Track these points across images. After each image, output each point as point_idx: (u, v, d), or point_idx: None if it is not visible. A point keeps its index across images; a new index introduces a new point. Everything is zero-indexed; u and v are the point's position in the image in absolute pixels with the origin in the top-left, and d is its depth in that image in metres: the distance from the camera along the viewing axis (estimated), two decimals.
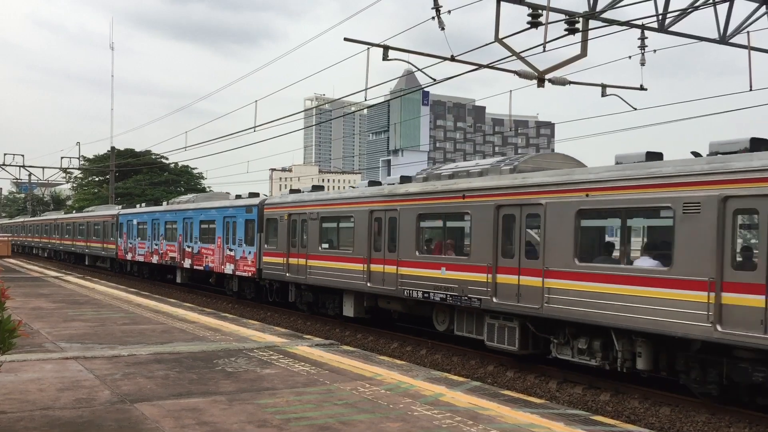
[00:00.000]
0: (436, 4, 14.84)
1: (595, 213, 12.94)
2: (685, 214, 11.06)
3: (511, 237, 14.40)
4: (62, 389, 9.27)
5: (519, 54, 15.44)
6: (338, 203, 20.42)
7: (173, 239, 31.75)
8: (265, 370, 10.79)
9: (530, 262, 13.72)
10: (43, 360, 11.31)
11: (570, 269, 12.91)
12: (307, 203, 21.70)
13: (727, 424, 10.97)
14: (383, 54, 15.84)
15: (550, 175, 13.75)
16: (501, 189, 14.66)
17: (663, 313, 11.24)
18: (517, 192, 14.17)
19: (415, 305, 17.85)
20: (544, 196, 13.55)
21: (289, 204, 22.73)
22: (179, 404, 8.54)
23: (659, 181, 11.52)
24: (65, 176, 69.65)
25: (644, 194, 11.78)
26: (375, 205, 18.55)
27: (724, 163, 10.69)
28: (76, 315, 17.44)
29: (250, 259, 24.74)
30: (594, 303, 12.41)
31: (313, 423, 7.77)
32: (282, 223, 22.79)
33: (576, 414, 9.05)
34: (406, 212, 17.34)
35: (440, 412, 8.40)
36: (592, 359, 12.90)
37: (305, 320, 22.27)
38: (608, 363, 12.66)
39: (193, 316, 17.71)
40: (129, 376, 10.16)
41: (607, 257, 13.06)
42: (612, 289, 12.14)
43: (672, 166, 11.55)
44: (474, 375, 14.62)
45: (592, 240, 13.63)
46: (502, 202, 14.51)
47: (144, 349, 12.43)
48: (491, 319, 14.90)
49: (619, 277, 12.04)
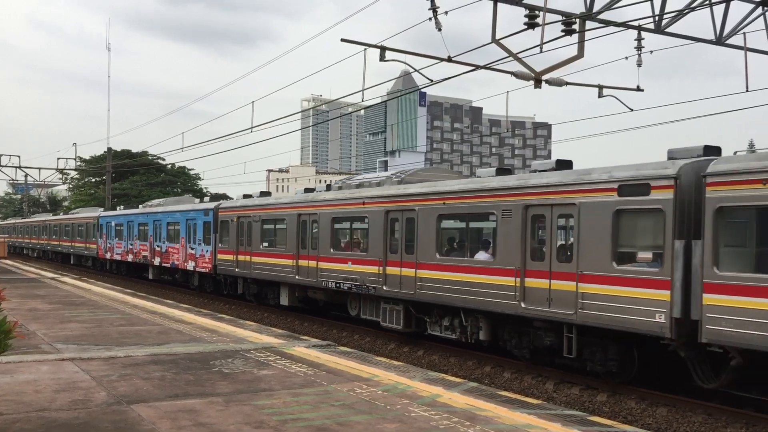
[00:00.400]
0: (433, 5, 14.84)
1: (451, 216, 16.28)
2: (503, 218, 14.34)
3: (395, 236, 17.69)
4: (58, 390, 9.24)
5: (516, 55, 15.44)
6: (275, 207, 23.70)
7: (145, 239, 34.65)
8: (262, 371, 10.78)
9: (410, 257, 16.91)
10: (39, 361, 11.28)
11: (434, 262, 16.19)
12: (252, 207, 24.92)
13: (724, 425, 10.98)
14: (380, 55, 15.83)
15: (421, 186, 17.06)
16: (389, 197, 17.95)
17: (492, 294, 14.46)
18: (399, 200, 17.49)
19: (333, 294, 20.93)
20: (417, 203, 16.84)
21: (238, 208, 25.98)
22: (176, 405, 8.52)
23: (488, 193, 14.84)
24: (62, 177, 69.52)
25: (479, 203, 15.15)
26: (302, 210, 21.78)
27: (526, 180, 14.11)
28: (72, 316, 17.41)
29: (207, 257, 27.78)
30: (450, 288, 15.64)
31: (310, 424, 7.76)
32: (232, 225, 25.85)
33: (573, 415, 9.05)
34: (324, 216, 20.58)
35: (437, 413, 8.39)
36: (453, 334, 16.20)
37: (302, 321, 22.27)
38: (465, 337, 15.85)
39: (189, 317, 17.69)
40: (125, 378, 10.13)
41: (459, 252, 16.20)
42: (461, 277, 15.35)
43: (495, 181, 14.88)
44: (471, 376, 14.61)
45: (450, 238, 16.85)
46: (390, 208, 17.74)
47: (140, 351, 12.40)
48: (384, 304, 18.08)
49: (465, 268, 15.30)
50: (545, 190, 13.51)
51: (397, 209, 17.44)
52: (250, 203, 25.34)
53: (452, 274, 15.60)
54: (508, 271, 14.12)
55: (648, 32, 16.47)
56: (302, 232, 21.62)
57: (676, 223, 11.22)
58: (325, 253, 20.31)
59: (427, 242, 16.38)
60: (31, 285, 27.50)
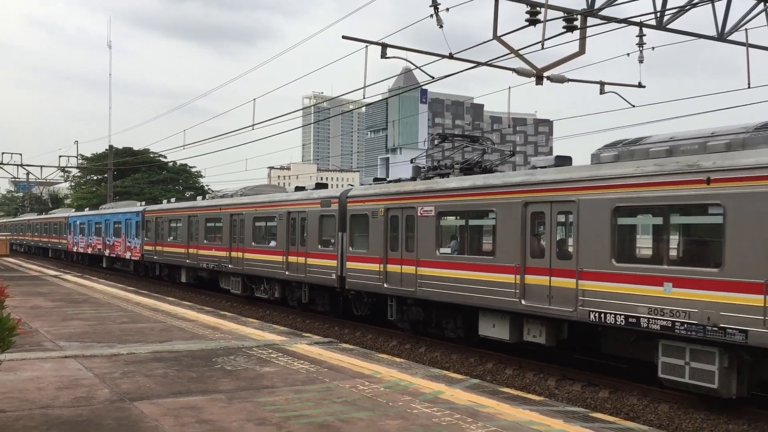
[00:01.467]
0: (434, 2, 14.82)
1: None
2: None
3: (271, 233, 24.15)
4: (61, 388, 9.27)
5: (517, 51, 15.42)
6: (171, 211, 32.77)
7: (99, 235, 43.51)
8: (264, 369, 10.79)
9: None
10: (42, 359, 11.30)
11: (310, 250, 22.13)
12: (165, 210, 33.84)
13: (726, 421, 10.99)
14: (381, 52, 15.82)
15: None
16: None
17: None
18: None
19: (209, 273, 29.12)
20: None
21: (155, 211, 34.80)
22: (178, 403, 8.54)
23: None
24: (63, 175, 69.58)
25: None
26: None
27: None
28: (74, 314, 17.44)
29: (138, 249, 36.46)
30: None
31: (313, 421, 7.78)
32: (152, 223, 34.67)
33: (575, 411, 9.06)
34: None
35: (440, 410, 8.41)
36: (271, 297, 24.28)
37: (304, 318, 22.30)
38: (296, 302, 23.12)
39: (191, 315, 17.71)
40: (128, 375, 10.15)
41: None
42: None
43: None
44: (473, 372, 14.63)
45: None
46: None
47: (143, 348, 12.42)
48: (233, 277, 26.41)
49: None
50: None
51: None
52: (164, 207, 34.34)
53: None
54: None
55: (649, 28, 16.44)
56: (189, 228, 30.05)
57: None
58: (199, 242, 29.22)
59: (311, 236, 21.43)
60: (33, 283, 27.55)
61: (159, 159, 72.87)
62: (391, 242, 17.86)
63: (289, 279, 22.57)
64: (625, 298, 11.84)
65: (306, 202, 21.94)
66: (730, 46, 17.13)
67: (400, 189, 17.91)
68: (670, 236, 11.91)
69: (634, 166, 12.02)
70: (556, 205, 13.49)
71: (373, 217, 18.54)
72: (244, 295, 25.91)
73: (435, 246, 16.38)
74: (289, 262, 22.33)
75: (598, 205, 12.50)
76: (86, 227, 46.75)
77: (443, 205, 16.33)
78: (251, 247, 24.69)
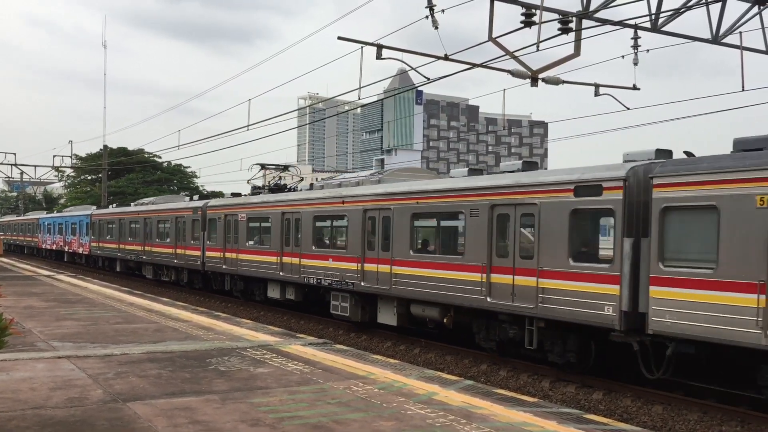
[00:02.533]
0: (429, 3, 14.84)
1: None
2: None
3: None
4: (54, 388, 9.24)
5: (512, 53, 15.45)
6: (109, 215, 40.98)
7: (61, 234, 51.79)
8: (258, 369, 10.78)
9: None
10: (35, 359, 11.27)
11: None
12: (109, 213, 41.19)
13: (719, 423, 11.02)
14: (377, 53, 15.83)
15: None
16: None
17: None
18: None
19: (133, 263, 36.35)
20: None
21: (102, 215, 42.43)
22: (172, 403, 8.52)
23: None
24: (57, 175, 69.40)
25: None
26: (130, 217, 36.63)
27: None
28: (68, 314, 17.38)
29: (87, 245, 45.13)
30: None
31: (307, 422, 7.77)
32: (96, 225, 42.94)
33: (569, 412, 9.07)
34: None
35: (434, 411, 8.41)
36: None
37: (298, 319, 22.30)
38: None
39: (185, 315, 17.68)
40: (121, 376, 10.13)
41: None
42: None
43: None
44: (467, 374, 14.63)
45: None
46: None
47: (137, 348, 12.39)
48: (146, 265, 34.33)
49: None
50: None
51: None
52: (107, 212, 41.98)
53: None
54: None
55: (644, 31, 16.50)
56: (121, 228, 38.13)
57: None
58: (124, 239, 37.46)
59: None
60: (26, 283, 27.45)
61: (154, 159, 72.73)
62: (227, 237, 26.18)
63: (178, 266, 30.92)
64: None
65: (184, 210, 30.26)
66: (725, 48, 17.19)
67: (229, 202, 26.97)
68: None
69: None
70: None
71: (219, 221, 26.85)
72: (154, 279, 34.23)
73: (245, 240, 24.90)
74: (177, 253, 30.36)
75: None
76: (52, 227, 54.72)
77: (251, 213, 24.80)
78: (155, 243, 32.93)
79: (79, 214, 47.81)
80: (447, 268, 15.64)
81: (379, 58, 15.77)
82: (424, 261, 16.38)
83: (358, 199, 18.97)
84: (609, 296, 12.05)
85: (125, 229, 37.41)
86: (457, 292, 15.31)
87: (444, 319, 16.21)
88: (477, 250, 14.85)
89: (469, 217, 15.08)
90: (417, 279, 16.51)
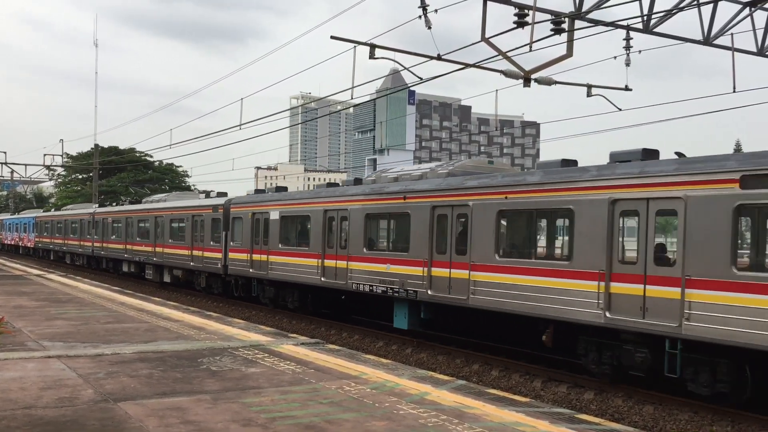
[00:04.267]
0: (423, 3, 14.84)
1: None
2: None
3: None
4: (45, 388, 9.18)
5: (505, 53, 15.47)
6: (48, 218, 52.09)
7: (17, 232, 63.90)
8: (250, 369, 10.75)
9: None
10: (25, 359, 11.19)
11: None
12: (49, 216, 52.68)
13: (710, 422, 11.06)
14: (370, 53, 15.82)
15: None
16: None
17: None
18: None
19: (67, 253, 47.08)
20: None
21: (45, 216, 54.10)
22: (163, 403, 8.49)
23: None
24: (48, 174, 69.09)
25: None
26: (67, 218, 46.08)
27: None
28: (58, 313, 17.29)
29: (33, 240, 57.13)
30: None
31: (299, 422, 7.75)
32: (42, 225, 53.71)
33: (561, 412, 9.08)
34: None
35: (426, 411, 8.40)
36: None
37: (290, 319, 22.25)
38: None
39: (177, 315, 17.62)
40: (112, 375, 10.08)
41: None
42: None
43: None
44: (459, 374, 14.64)
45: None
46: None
47: (128, 348, 12.33)
48: (78, 255, 44.00)
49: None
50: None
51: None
52: (48, 215, 53.73)
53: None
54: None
55: (636, 32, 16.55)
56: (53, 227, 49.91)
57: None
58: (60, 235, 48.58)
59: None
60: (17, 282, 27.30)
61: (145, 158, 72.48)
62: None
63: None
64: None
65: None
66: (716, 50, 17.26)
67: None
68: None
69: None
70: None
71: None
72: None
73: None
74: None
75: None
76: (12, 226, 66.59)
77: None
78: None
79: (28, 216, 56.10)
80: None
81: (372, 57, 15.76)
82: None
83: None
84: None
85: (56, 228, 41.39)
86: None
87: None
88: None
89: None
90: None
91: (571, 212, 13.10)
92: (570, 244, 13.10)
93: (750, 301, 10.23)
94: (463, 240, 15.39)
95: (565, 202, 13.20)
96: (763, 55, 17.54)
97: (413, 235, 16.71)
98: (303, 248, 21.05)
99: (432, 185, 16.59)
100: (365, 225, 18.44)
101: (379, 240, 18.49)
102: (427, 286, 16.22)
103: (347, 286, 18.79)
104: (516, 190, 14.22)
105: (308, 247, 20.67)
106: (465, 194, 15.42)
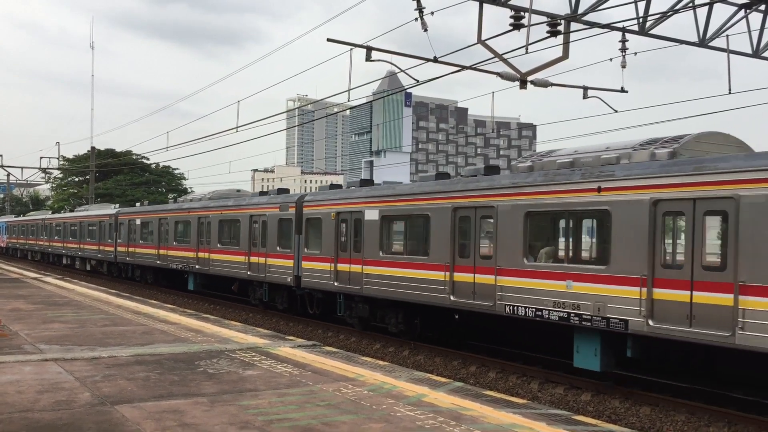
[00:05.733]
0: (419, 6, 14.86)
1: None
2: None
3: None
4: (41, 391, 9.17)
5: (501, 56, 15.50)
6: (17, 222, 62.87)
7: (26, 235, 63.65)
8: (247, 372, 10.74)
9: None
10: (22, 362, 11.18)
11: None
12: (16, 221, 62.27)
13: (707, 423, 11.08)
14: (366, 55, 15.84)
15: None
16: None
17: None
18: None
19: (47, 253, 51.72)
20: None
21: (12, 221, 62.08)
22: (160, 406, 8.48)
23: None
24: (44, 176, 69.05)
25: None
26: (47, 222, 50.56)
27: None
28: (55, 316, 17.26)
29: (6, 241, 65.64)
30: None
31: (296, 424, 7.75)
32: (12, 228, 62.38)
33: (558, 414, 9.10)
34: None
35: (423, 413, 8.41)
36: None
37: (287, 321, 22.23)
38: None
39: (174, 318, 17.60)
40: (109, 378, 10.07)
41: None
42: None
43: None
44: (456, 376, 14.65)
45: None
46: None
47: (125, 351, 12.32)
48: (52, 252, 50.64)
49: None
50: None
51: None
52: (17, 219, 57.99)
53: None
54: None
55: (632, 34, 16.60)
56: (27, 230, 55.92)
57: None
58: (37, 237, 52.27)
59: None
60: (13, 285, 27.25)
61: (141, 161, 72.43)
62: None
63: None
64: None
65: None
66: (712, 52, 17.32)
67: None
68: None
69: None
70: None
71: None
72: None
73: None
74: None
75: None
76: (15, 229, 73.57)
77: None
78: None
79: (2, 221, 63.42)
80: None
81: (369, 60, 15.78)
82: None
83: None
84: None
85: (30, 230, 43.98)
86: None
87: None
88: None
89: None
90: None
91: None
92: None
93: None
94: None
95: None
96: (758, 56, 17.60)
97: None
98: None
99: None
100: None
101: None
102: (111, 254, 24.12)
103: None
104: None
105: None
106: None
